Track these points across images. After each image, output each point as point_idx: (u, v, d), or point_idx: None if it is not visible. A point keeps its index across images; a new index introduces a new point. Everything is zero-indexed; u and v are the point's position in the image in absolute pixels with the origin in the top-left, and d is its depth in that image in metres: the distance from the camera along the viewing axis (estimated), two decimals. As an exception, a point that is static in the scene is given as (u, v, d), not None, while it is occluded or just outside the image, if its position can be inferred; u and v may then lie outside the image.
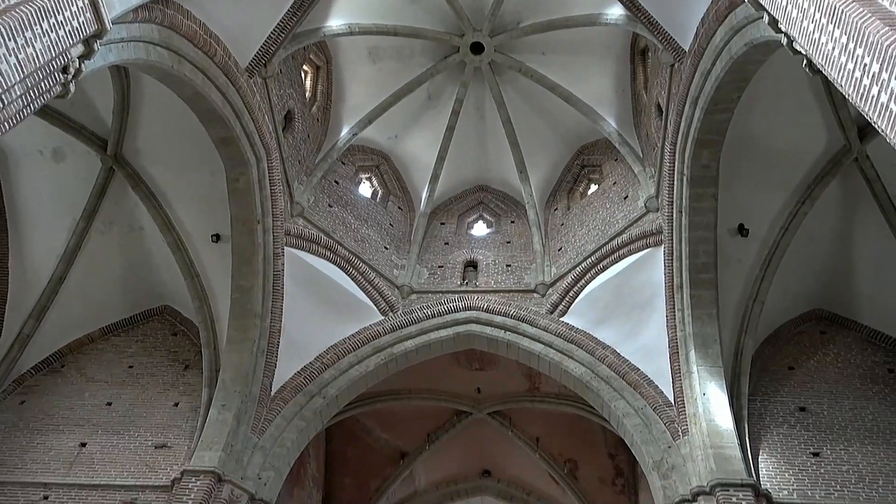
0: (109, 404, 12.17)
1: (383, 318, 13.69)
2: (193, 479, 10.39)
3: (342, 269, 13.67)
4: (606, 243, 13.23)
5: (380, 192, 16.26)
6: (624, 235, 12.97)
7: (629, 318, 12.57)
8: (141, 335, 13.51)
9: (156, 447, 11.43)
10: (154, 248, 12.98)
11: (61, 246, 12.60)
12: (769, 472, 10.33)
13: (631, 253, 12.80)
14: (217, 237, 12.19)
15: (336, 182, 14.98)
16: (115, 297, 13.46)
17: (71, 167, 12.03)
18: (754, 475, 10.07)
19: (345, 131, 15.00)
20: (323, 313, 13.19)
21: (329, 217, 14.16)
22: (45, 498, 10.70)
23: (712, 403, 10.72)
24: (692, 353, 11.16)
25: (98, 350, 13.24)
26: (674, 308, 11.67)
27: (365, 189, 16.08)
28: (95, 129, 11.76)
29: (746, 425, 10.76)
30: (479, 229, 16.44)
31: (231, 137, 11.01)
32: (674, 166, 11.21)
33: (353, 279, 13.66)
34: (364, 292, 13.73)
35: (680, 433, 10.90)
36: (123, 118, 11.55)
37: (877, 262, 11.47)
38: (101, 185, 12.32)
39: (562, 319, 13.25)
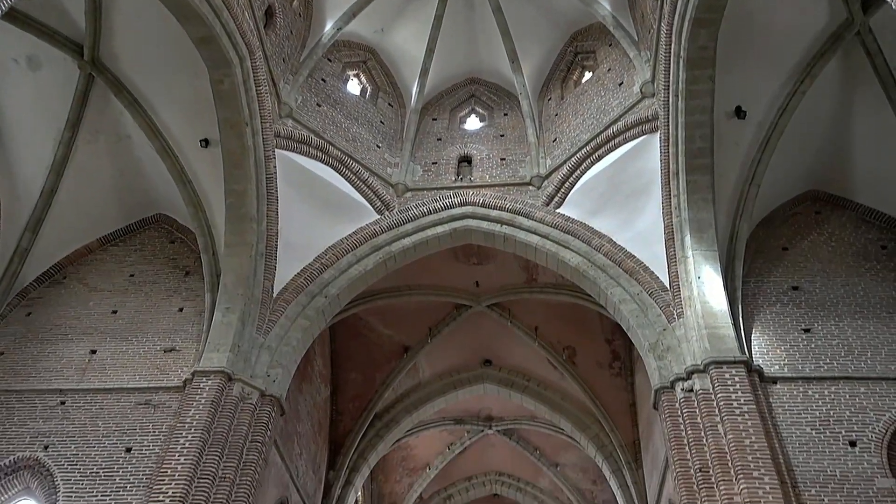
0: (115, 312, 12.38)
1: (379, 216, 13.71)
2: (204, 380, 10.72)
3: (335, 169, 13.55)
4: (601, 132, 13.06)
5: (369, 89, 15.86)
6: (619, 123, 12.78)
7: (625, 206, 12.59)
8: (139, 244, 13.56)
9: (164, 351, 11.72)
10: (143, 156, 12.80)
11: (49, 157, 12.41)
12: (761, 348, 10.66)
13: (626, 141, 12.67)
14: (206, 142, 11.99)
15: (323, 80, 14.58)
16: (110, 207, 13.40)
17: (49, 75, 11.65)
18: (747, 352, 10.39)
19: (329, 26, 14.46)
20: (319, 215, 13.19)
21: (318, 117, 13.88)
22: (62, 403, 11.06)
23: (707, 286, 10.91)
24: (687, 239, 11.25)
25: (98, 260, 13.32)
26: (669, 194, 11.66)
27: (353, 86, 15.67)
28: (70, 33, 11.32)
29: (740, 306, 10.99)
30: (472, 123, 16.16)
31: (211, 36, 10.63)
32: (670, 48, 10.90)
33: (346, 179, 13.57)
34: (359, 192, 13.67)
35: (675, 316, 11.16)
36: (97, 21, 11.11)
37: (875, 139, 11.36)
38: (81, 92, 11.99)
39: (558, 211, 13.28)
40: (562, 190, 13.31)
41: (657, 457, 13.30)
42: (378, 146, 14.70)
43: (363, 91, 15.77)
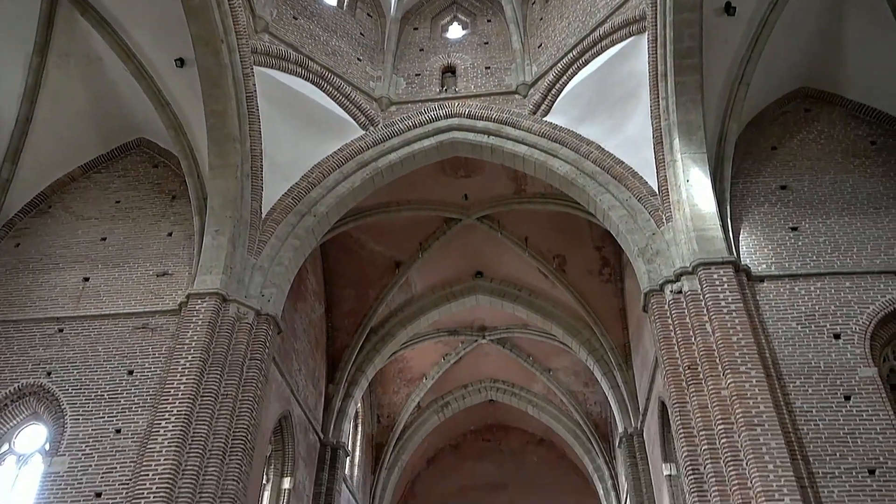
0: (104, 239, 12.33)
1: (364, 132, 13.50)
2: (199, 302, 10.81)
3: (316, 85, 13.23)
4: (588, 35, 12.73)
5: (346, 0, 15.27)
6: (606, 24, 12.44)
7: (613, 111, 12.43)
8: (122, 170, 13.36)
9: (157, 275, 11.76)
10: (118, 79, 12.42)
11: (20, 84, 12.06)
12: (749, 248, 10.80)
13: (613, 43, 12.37)
14: (181, 61, 11.61)
15: (298, -10, 14.00)
16: (88, 133, 13.12)
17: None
18: (735, 253, 10.54)
19: (301, -69, 13.76)
20: (303, 133, 12.97)
21: (296, 30, 13.42)
22: (60, 331, 11.17)
23: (695, 189, 10.94)
24: (676, 142, 11.18)
25: (82, 188, 13.16)
26: (658, 97, 11.50)
27: (330, -4, 15.08)
28: (26, -52, 10.75)
29: (728, 207, 11.05)
30: (455, 32, 15.68)
31: (177, -54, 10.12)
32: (658, -58, 10.48)
33: (328, 95, 13.27)
34: (342, 107, 13.40)
35: (664, 220, 11.23)
36: (54, -67, 10.53)
37: (866, 33, 11.15)
38: (46, 13, 11.52)
39: (545, 119, 13.11)
40: (548, 97, 13.08)
41: (647, 357, 13.69)
42: (359, 59, 14.29)
43: (340, 2, 15.19)
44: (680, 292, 10.37)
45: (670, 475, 12.35)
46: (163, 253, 12.09)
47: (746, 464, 8.44)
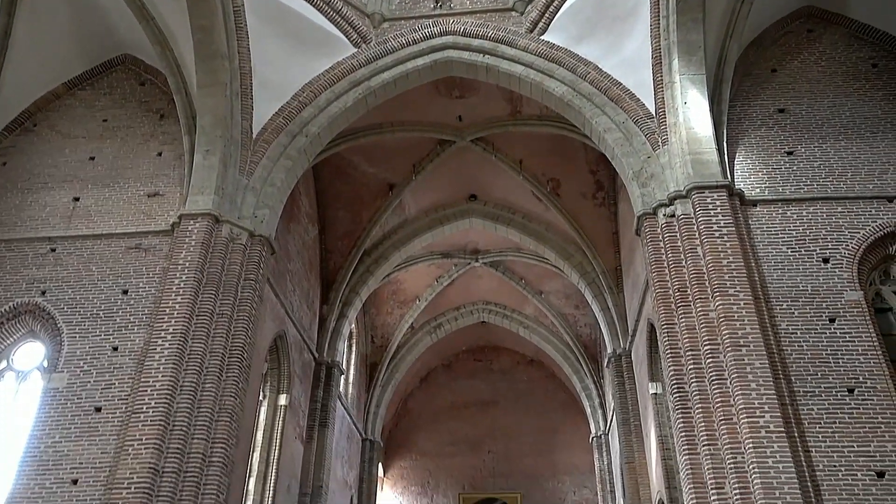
0: (92, 159, 12.16)
1: (356, 50, 13.13)
2: (192, 222, 10.79)
3: (306, -1, 12.77)
4: (588, -53, 12.22)
5: None
6: (607, -63, 11.94)
7: (611, 30, 12.09)
8: (107, 87, 13.03)
9: (148, 196, 11.67)
10: (99, -10, 11.96)
11: (-4, -5, 11.58)
12: (744, 172, 10.76)
13: (615, -43, 11.91)
14: (165, -28, 11.16)
15: None
16: (70, 48, 12.70)
17: None
18: (729, 177, 10.50)
19: None
20: (293, 50, 12.60)
21: (284, -60, 12.83)
22: (53, 250, 11.17)
23: (693, 111, 10.79)
24: (675, 62, 10.93)
25: (67, 106, 12.86)
26: (658, 15, 11.17)
27: None
28: None
29: (725, 130, 10.93)
30: (451, -57, 15.03)
31: None
32: None
33: (318, 10, 12.80)
34: (333, 24, 12.97)
35: (660, 143, 11.12)
36: None
37: (875, -52, 10.78)
38: (20, -82, 10.96)
39: (542, 38, 12.75)
40: (546, 14, 12.69)
41: (637, 281, 13.85)
42: (350, -28, 13.75)
43: None
44: (673, 216, 10.38)
45: (656, 394, 12.72)
46: (153, 173, 11.95)
47: (730, 383, 8.69)
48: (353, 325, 19.56)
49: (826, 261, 9.82)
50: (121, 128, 12.51)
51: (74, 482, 9.16)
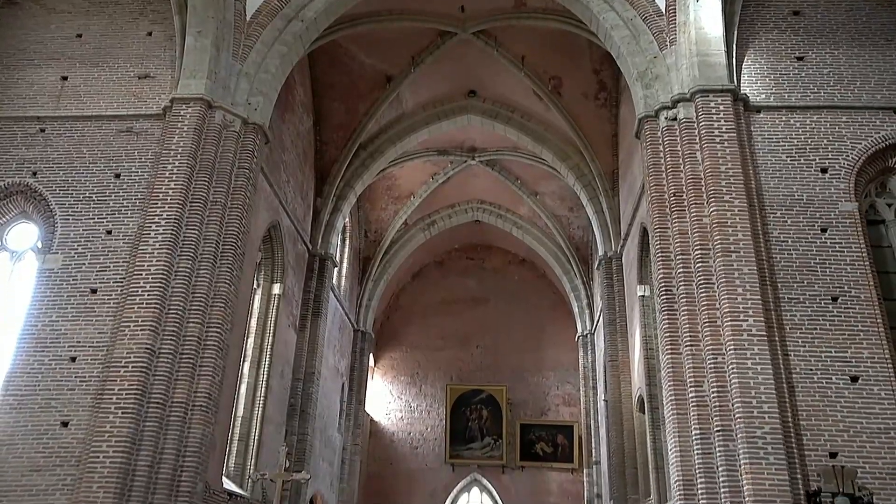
0: (79, 36, 11.71)
1: (356, -71, 12.42)
2: (184, 107, 10.54)
3: None
4: None
5: None
6: None
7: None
8: (93, -41, 12.37)
9: (139, 77, 11.34)
10: None
11: None
12: (751, 77, 10.49)
13: None
14: None
15: None
16: (52, -86, 11.95)
17: None
18: (735, 81, 10.25)
19: None
20: (289, -74, 11.90)
21: None
22: (42, 131, 10.96)
23: (704, 11, 10.40)
24: (691, -44, 10.42)
25: (50, -22, 12.24)
26: None
27: None
28: None
29: (736, 32, 10.58)
30: None
31: None
32: None
33: None
34: None
35: (667, 43, 10.77)
36: None
37: None
38: None
39: (552, -77, 12.08)
40: None
41: (634, 185, 13.80)
42: None
43: None
44: (674, 119, 10.21)
45: (643, 296, 12.97)
46: (143, 53, 11.55)
47: (717, 287, 8.84)
48: (347, 220, 19.59)
49: (824, 171, 9.77)
50: (108, 3, 11.98)
51: (73, 360, 9.41)
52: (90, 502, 8.34)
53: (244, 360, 13.35)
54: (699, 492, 8.21)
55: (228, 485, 11.85)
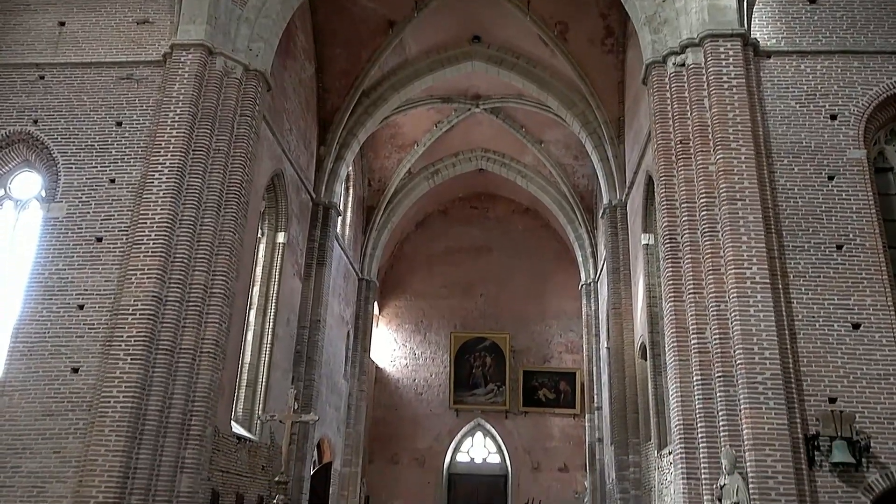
0: (75, -20, 11.47)
1: None
2: (184, 53, 10.39)
3: None
4: None
5: None
6: None
7: None
8: None
9: (137, 23, 11.12)
10: None
11: None
12: (762, 21, 10.24)
13: None
14: None
15: None
16: None
17: None
18: (746, 25, 10.01)
19: None
20: None
21: None
22: (41, 78, 10.83)
23: (715, -49, 10.09)
24: None
25: (43, -82, 11.91)
26: None
27: None
28: None
29: (748, -25, 10.29)
30: None
31: None
32: None
33: None
34: None
35: (677, -15, 10.48)
36: None
37: None
38: None
39: None
40: None
41: (640, 132, 13.64)
42: None
43: None
44: (682, 65, 10.03)
45: (647, 244, 12.98)
46: (140, -3, 11.32)
47: (722, 235, 8.83)
48: (351, 168, 19.49)
49: (833, 117, 9.63)
50: (103, -55, 11.68)
51: (80, 307, 9.51)
52: (103, 445, 8.54)
53: (250, 308, 13.48)
54: (699, 435, 8.37)
55: (237, 429, 12.11)
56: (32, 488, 8.68)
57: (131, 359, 8.92)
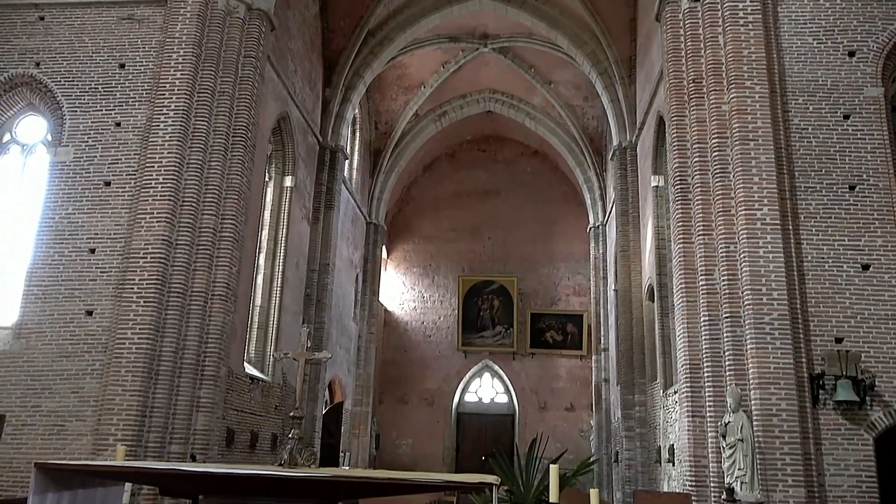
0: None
1: None
2: (185, -9, 10.17)
3: None
4: None
5: None
6: None
7: None
8: None
9: (136, -40, 10.87)
10: None
11: None
12: (780, -47, 9.88)
13: None
14: None
15: None
16: None
17: None
18: (764, -43, 9.68)
19: None
20: None
21: None
22: (42, 19, 10.65)
23: None
24: None
25: None
26: None
27: None
28: None
29: None
30: None
31: None
32: None
33: None
34: None
35: (693, -85, 10.09)
36: None
37: None
38: None
39: None
40: None
41: (652, 72, 13.36)
42: None
43: None
44: (697, 1, 9.74)
45: (657, 186, 12.88)
46: (139, -66, 11.00)
47: (733, 176, 8.74)
48: (357, 111, 19.27)
49: (852, 54, 9.38)
50: None
51: (92, 251, 9.58)
52: (119, 385, 8.74)
53: (259, 252, 13.55)
54: (705, 374, 8.48)
55: (250, 370, 12.35)
56: (53, 426, 8.93)
57: (144, 301, 9.03)
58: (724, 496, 7.69)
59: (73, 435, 8.87)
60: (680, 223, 9.13)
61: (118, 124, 10.09)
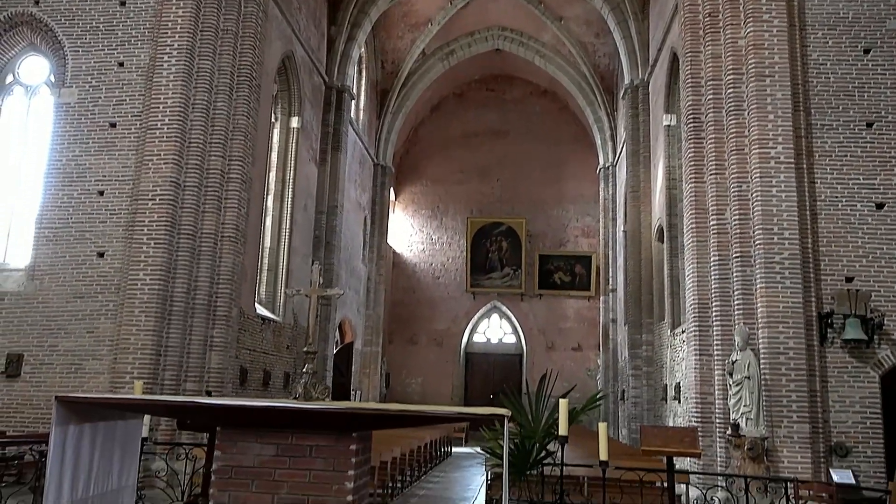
0: None
1: None
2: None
3: None
4: None
5: None
6: None
7: None
8: None
9: None
10: None
11: None
12: None
13: None
14: None
15: None
16: None
17: None
18: None
19: None
20: None
21: None
22: (39, -46, 10.38)
23: None
24: None
25: None
26: None
27: None
28: None
29: None
30: None
31: None
32: None
33: None
34: None
35: None
36: None
37: None
38: None
39: None
40: None
41: (665, 6, 12.97)
42: None
43: None
44: (715, -70, 9.37)
45: (669, 125, 12.68)
46: None
47: (748, 113, 8.56)
48: (363, 50, 18.90)
49: (874, -16, 9.05)
50: None
51: (101, 193, 9.58)
52: (134, 325, 8.86)
53: (268, 194, 13.52)
54: (713, 314, 8.51)
55: (261, 310, 12.49)
56: (70, 365, 9.11)
57: (154, 243, 9.07)
58: (728, 431, 7.82)
59: (90, 373, 9.06)
60: (692, 162, 9.02)
61: (121, 64, 9.94)
